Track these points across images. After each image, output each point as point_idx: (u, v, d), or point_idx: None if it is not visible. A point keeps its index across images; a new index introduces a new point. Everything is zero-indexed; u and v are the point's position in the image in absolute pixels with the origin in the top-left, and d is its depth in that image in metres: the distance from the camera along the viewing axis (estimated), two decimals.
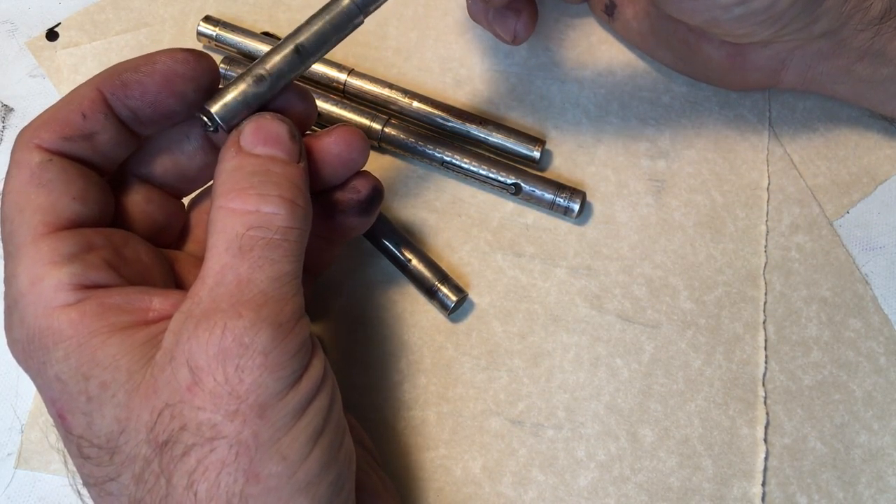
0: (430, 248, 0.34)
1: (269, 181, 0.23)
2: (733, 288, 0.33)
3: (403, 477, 0.31)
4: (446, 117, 0.35)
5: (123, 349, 0.21)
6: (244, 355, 0.21)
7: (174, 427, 0.20)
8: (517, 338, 0.33)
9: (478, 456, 0.31)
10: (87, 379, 0.21)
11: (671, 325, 0.33)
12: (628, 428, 0.31)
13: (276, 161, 0.23)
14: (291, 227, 0.23)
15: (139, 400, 0.21)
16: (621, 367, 0.32)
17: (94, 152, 0.24)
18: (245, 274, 0.22)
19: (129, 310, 0.22)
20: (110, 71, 0.24)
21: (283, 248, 0.22)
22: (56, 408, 0.22)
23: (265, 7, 0.38)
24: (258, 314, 0.21)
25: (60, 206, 0.22)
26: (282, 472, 0.21)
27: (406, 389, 0.32)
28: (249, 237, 0.22)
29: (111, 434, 0.21)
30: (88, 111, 0.23)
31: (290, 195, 0.23)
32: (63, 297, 0.21)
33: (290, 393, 0.21)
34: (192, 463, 0.20)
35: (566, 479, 0.31)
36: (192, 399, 0.20)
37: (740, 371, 0.32)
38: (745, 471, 0.31)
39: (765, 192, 0.34)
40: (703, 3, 0.28)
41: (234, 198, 0.22)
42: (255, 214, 0.22)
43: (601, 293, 0.33)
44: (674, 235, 0.34)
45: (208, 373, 0.20)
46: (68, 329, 0.21)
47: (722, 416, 0.32)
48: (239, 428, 0.20)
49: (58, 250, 0.22)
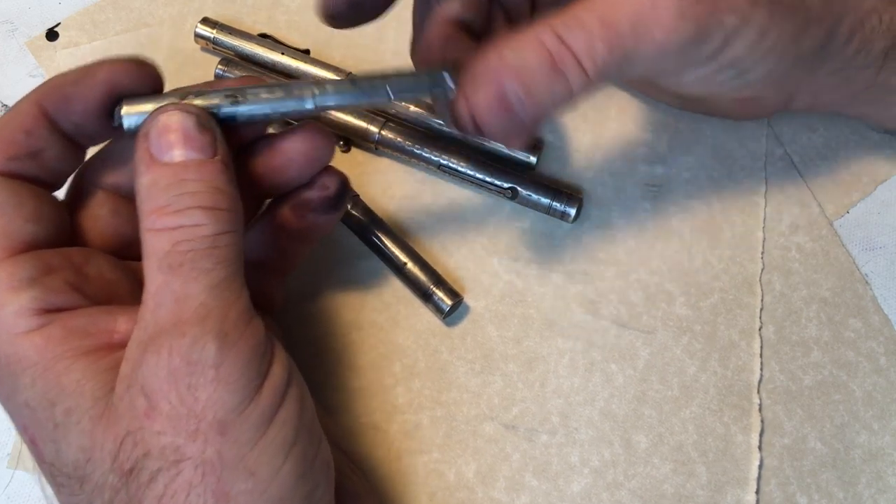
0: (426, 251, 0.34)
1: (184, 193, 0.22)
2: (729, 294, 0.33)
3: (396, 481, 0.31)
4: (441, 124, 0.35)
5: (88, 374, 0.21)
6: (194, 373, 0.20)
7: (137, 454, 0.20)
8: (512, 342, 0.33)
9: (471, 461, 0.31)
10: (54, 405, 0.21)
11: (666, 331, 0.33)
12: (622, 434, 0.31)
13: (188, 167, 0.22)
14: (218, 232, 0.22)
15: (102, 429, 0.21)
16: (616, 372, 0.32)
17: (42, 169, 0.23)
18: (180, 290, 0.21)
19: (93, 332, 0.22)
20: (50, 84, 0.24)
21: (215, 256, 0.21)
22: (28, 435, 0.22)
23: (264, 8, 0.38)
24: (201, 328, 0.20)
25: (13, 229, 0.22)
26: (252, 488, 0.20)
27: (400, 393, 0.32)
28: (177, 253, 0.21)
29: (78, 462, 0.21)
30: (31, 128, 0.23)
31: (209, 202, 0.22)
32: (25, 323, 0.21)
33: (250, 405, 0.21)
34: (160, 488, 0.20)
35: (559, 484, 0.31)
36: (151, 425, 0.20)
37: (735, 378, 0.32)
38: (739, 478, 0.31)
39: (762, 199, 0.34)
40: (701, 82, 0.27)
41: (156, 219, 0.22)
42: (178, 230, 0.21)
43: (597, 298, 0.33)
44: (670, 241, 0.34)
45: (162, 396, 0.20)
46: (34, 355, 0.21)
47: (716, 423, 0.31)
48: (201, 447, 0.20)
49: (16, 275, 0.21)
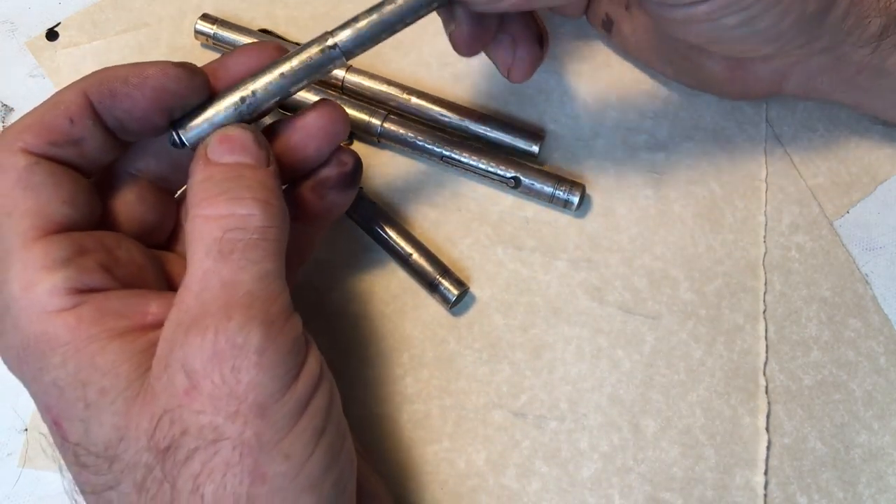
0: (431, 242, 0.34)
1: (240, 185, 0.23)
2: (733, 278, 0.33)
3: (407, 470, 0.31)
4: (444, 113, 0.35)
5: (123, 356, 0.21)
6: (238, 356, 0.21)
7: (175, 432, 0.20)
8: (519, 330, 0.33)
9: (481, 449, 0.31)
10: (86, 385, 0.21)
11: (672, 316, 0.33)
12: (630, 419, 0.32)
13: (244, 167, 0.23)
14: (268, 226, 0.22)
15: (138, 408, 0.21)
16: (623, 358, 0.32)
17: (81, 157, 0.24)
18: (229, 276, 0.21)
19: (126, 314, 0.22)
20: (99, 77, 0.24)
21: (263, 248, 0.22)
22: (52, 415, 0.22)
23: (263, 4, 0.38)
24: (247, 314, 0.21)
25: (50, 210, 0.22)
26: (286, 471, 0.21)
27: (408, 383, 0.32)
28: (228, 240, 0.22)
29: (110, 442, 0.21)
30: (76, 117, 0.23)
31: (262, 196, 0.23)
32: (58, 301, 0.21)
33: (287, 392, 0.21)
34: (197, 466, 0.20)
35: (569, 470, 0.31)
36: (190, 403, 0.20)
37: (741, 361, 0.32)
38: (747, 460, 0.31)
39: (763, 183, 0.35)
40: (707, 24, 0.28)
41: (208, 205, 0.22)
42: (230, 218, 0.22)
43: (602, 285, 0.33)
44: (673, 227, 0.34)
45: (204, 376, 0.20)
46: (65, 334, 0.21)
47: (724, 406, 0.32)
48: (241, 428, 0.20)
49: (50, 255, 0.21)
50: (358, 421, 0.32)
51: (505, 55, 0.29)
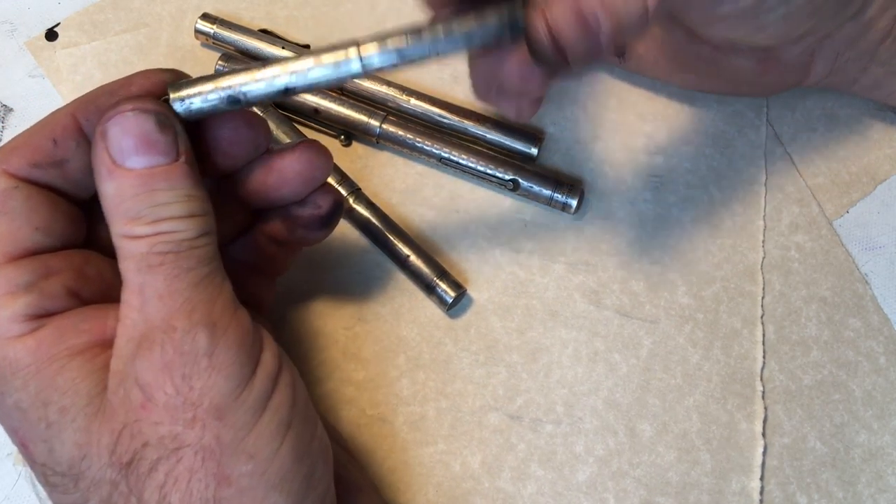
0: (429, 244, 0.34)
1: (156, 205, 0.22)
2: (731, 283, 0.33)
3: (402, 472, 0.31)
4: (444, 114, 0.35)
5: (82, 373, 0.21)
6: (187, 363, 0.21)
7: (136, 446, 0.20)
8: (515, 333, 0.33)
9: (477, 451, 0.31)
10: (47, 405, 0.21)
11: (669, 320, 0.33)
12: (627, 423, 0.32)
13: (156, 175, 0.22)
14: (196, 236, 0.22)
15: (98, 424, 0.21)
16: (619, 362, 0.32)
17: (65, 180, 0.23)
18: (164, 288, 0.21)
19: (85, 329, 0.22)
20: (88, 96, 0.24)
21: (195, 256, 0.22)
22: (18, 437, 0.22)
23: (263, 4, 0.38)
24: (190, 320, 0.21)
25: (21, 236, 0.22)
26: (252, 470, 0.21)
27: (405, 385, 0.32)
28: (157, 254, 0.21)
29: (72, 460, 0.21)
30: (60, 137, 0.23)
31: (185, 210, 0.22)
32: (18, 328, 0.21)
33: (244, 390, 0.21)
34: (161, 477, 0.20)
35: (565, 473, 0.31)
36: (147, 416, 0.20)
37: (738, 366, 0.32)
38: (743, 465, 0.31)
39: (762, 188, 0.34)
40: (751, 13, 0.27)
41: (131, 227, 0.22)
42: (154, 237, 0.22)
43: (599, 288, 0.33)
44: (671, 231, 0.34)
45: (157, 388, 0.21)
46: (26, 357, 0.21)
47: (720, 411, 0.32)
48: (200, 434, 0.20)
49: (13, 281, 0.21)
50: (353, 422, 0.32)
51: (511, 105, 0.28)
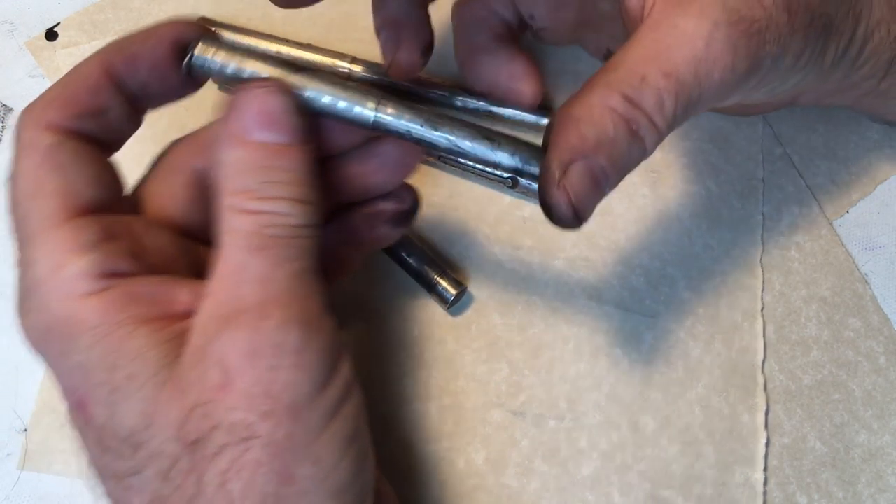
0: (429, 242, 0.34)
1: (274, 182, 0.22)
2: (731, 277, 0.33)
3: (407, 470, 0.31)
4: (454, 93, 0.35)
5: (150, 342, 0.21)
6: (276, 355, 0.20)
7: (205, 427, 0.20)
8: (517, 330, 0.33)
9: (480, 448, 0.31)
10: (113, 370, 0.21)
11: (670, 314, 0.33)
12: (629, 417, 0.32)
13: (277, 152, 0.22)
14: (304, 224, 0.22)
15: (166, 396, 0.20)
16: (621, 356, 0.32)
17: (104, 130, 0.23)
18: (265, 272, 0.21)
19: (155, 301, 0.21)
20: (115, 46, 0.24)
21: (299, 246, 0.22)
22: (76, 397, 0.21)
23: (260, 4, 0.38)
24: (286, 313, 0.21)
25: (76, 191, 0.22)
26: (315, 474, 0.20)
27: (407, 383, 0.32)
28: (264, 236, 0.21)
29: (135, 428, 0.20)
30: (97, 87, 0.23)
31: (298, 194, 0.22)
32: (86, 285, 0.21)
33: (321, 395, 0.21)
34: (225, 463, 0.20)
35: (569, 468, 0.31)
36: (223, 399, 0.20)
37: (739, 358, 0.32)
38: (746, 457, 0.31)
39: (760, 183, 0.35)
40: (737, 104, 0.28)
41: (242, 199, 0.22)
42: (266, 215, 0.22)
43: (599, 284, 0.33)
44: (670, 226, 0.34)
45: (240, 373, 0.20)
46: (93, 318, 0.21)
47: (722, 404, 0.32)
48: (273, 428, 0.20)
49: (79, 237, 0.21)
50: None
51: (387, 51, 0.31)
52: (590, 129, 0.23)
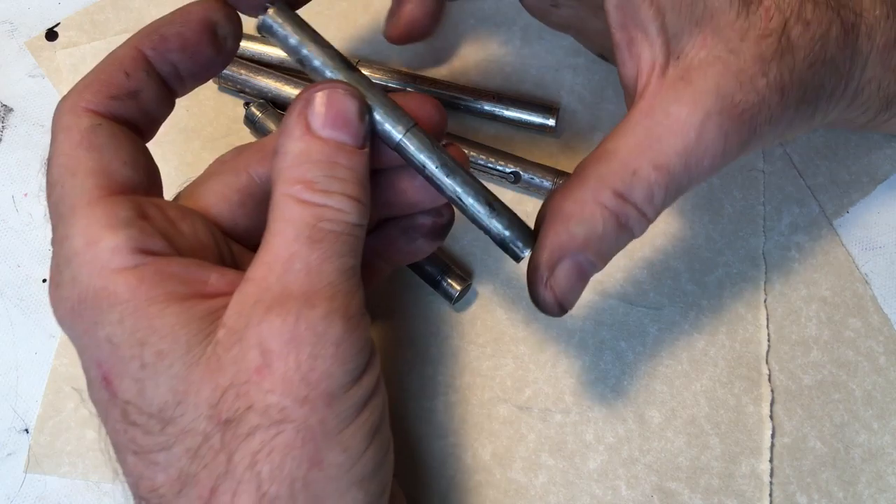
0: None
1: (336, 177, 0.22)
2: (733, 268, 0.33)
3: (414, 466, 0.31)
4: (459, 95, 0.35)
5: (182, 320, 0.21)
6: (318, 344, 0.21)
7: (240, 406, 0.20)
8: (522, 325, 0.33)
9: (487, 443, 0.31)
10: (143, 345, 0.21)
11: (673, 306, 0.33)
12: (635, 410, 0.32)
13: (342, 150, 0.23)
14: (357, 223, 0.23)
15: (199, 375, 0.21)
16: (626, 350, 0.33)
17: (140, 112, 0.24)
18: (315, 264, 0.22)
19: (186, 280, 0.22)
20: (147, 29, 0.24)
21: (349, 244, 0.22)
22: (102, 370, 0.21)
23: None
24: (331, 305, 0.21)
25: (112, 170, 0.22)
26: (343, 462, 0.21)
27: (413, 379, 0.32)
28: (319, 229, 0.22)
29: (165, 404, 0.21)
30: (131, 69, 0.24)
31: (356, 193, 0.23)
32: (121, 259, 0.21)
33: (354, 386, 0.21)
34: (257, 444, 0.20)
35: (576, 462, 0.31)
36: (260, 381, 0.20)
37: (744, 350, 0.32)
38: (752, 448, 0.31)
39: (761, 174, 0.35)
40: None
41: (302, 189, 0.22)
42: (324, 209, 0.22)
43: (603, 278, 0.34)
44: (672, 218, 0.34)
45: (280, 357, 0.20)
46: (125, 292, 0.21)
47: (727, 395, 0.32)
48: (307, 414, 0.20)
49: (114, 214, 0.22)
50: None
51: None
52: (579, 227, 0.24)
